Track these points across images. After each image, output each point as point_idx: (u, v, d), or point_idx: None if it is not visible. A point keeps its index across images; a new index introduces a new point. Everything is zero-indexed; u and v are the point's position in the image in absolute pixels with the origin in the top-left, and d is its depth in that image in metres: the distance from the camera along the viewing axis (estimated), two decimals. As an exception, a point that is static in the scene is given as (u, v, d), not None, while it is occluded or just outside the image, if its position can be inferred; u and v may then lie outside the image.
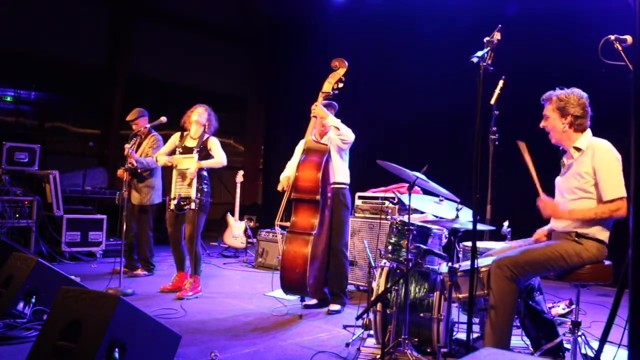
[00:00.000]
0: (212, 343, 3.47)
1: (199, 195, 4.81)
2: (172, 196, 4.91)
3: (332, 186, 4.57)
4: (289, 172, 4.72)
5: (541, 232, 3.20)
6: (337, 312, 4.43)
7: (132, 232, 5.67)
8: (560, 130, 2.98)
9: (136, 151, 5.60)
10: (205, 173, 4.95)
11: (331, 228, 4.56)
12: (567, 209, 2.91)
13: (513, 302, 2.82)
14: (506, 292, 2.79)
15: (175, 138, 5.12)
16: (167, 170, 5.21)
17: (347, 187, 4.69)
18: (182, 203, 4.84)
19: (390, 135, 8.17)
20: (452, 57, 5.82)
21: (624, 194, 2.77)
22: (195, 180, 4.81)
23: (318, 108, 4.49)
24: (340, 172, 4.62)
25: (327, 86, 4.52)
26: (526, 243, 3.18)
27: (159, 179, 5.75)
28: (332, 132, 4.60)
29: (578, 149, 2.95)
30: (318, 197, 4.34)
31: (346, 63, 4.54)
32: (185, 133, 5.10)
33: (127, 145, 5.29)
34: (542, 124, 3.07)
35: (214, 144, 5.01)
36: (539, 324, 3.14)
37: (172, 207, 4.89)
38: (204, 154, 4.93)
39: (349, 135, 4.49)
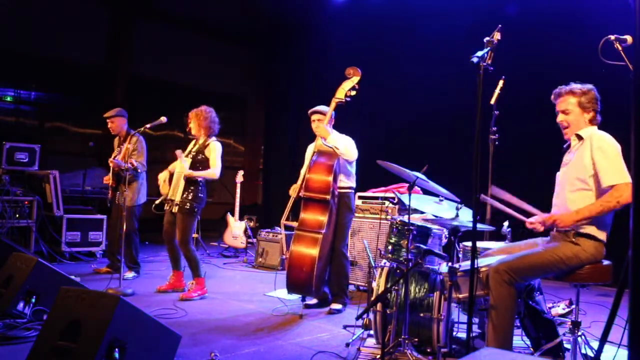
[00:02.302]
0: (212, 343, 3.48)
1: (187, 199, 4.75)
2: (164, 196, 4.93)
3: (339, 190, 4.62)
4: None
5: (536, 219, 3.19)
6: (339, 311, 4.46)
7: (117, 232, 5.69)
8: (581, 127, 2.96)
9: (119, 153, 5.65)
10: (200, 178, 4.85)
11: (336, 228, 4.61)
12: (572, 211, 2.85)
13: (513, 304, 2.82)
14: (505, 296, 2.79)
15: (190, 146, 5.10)
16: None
17: (353, 190, 4.74)
18: (167, 202, 4.86)
19: (390, 135, 8.17)
20: (452, 57, 5.82)
21: (625, 179, 2.73)
22: (182, 184, 4.77)
23: (321, 127, 4.54)
24: (347, 175, 4.68)
25: (341, 92, 4.55)
26: (526, 244, 3.18)
27: (144, 179, 5.73)
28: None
29: (580, 137, 2.95)
30: (328, 197, 4.40)
31: (360, 72, 4.58)
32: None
33: (110, 160, 5.50)
34: (560, 119, 3.01)
35: (213, 151, 4.88)
36: (539, 324, 3.14)
37: (166, 206, 4.90)
38: (199, 158, 4.86)
39: (350, 155, 4.54)
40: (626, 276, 2.21)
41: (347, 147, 4.53)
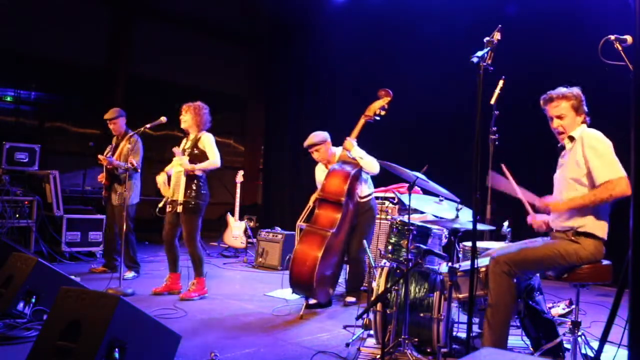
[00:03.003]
0: (212, 343, 3.48)
1: (191, 196, 4.71)
2: (166, 198, 4.90)
3: (362, 199, 4.79)
4: None
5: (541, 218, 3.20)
6: (353, 303, 4.72)
7: (114, 232, 5.72)
8: (575, 129, 2.98)
9: (114, 152, 5.63)
10: (200, 174, 4.80)
11: (356, 235, 4.74)
12: (564, 199, 2.90)
13: (511, 299, 2.83)
14: (504, 289, 2.79)
15: (182, 144, 5.05)
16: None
17: (373, 196, 4.96)
18: (170, 205, 4.83)
19: (390, 135, 8.15)
20: (452, 57, 5.82)
21: (619, 174, 2.76)
22: (183, 182, 4.74)
23: (349, 142, 4.70)
24: (368, 183, 4.88)
25: (371, 110, 4.79)
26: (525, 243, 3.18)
27: (138, 180, 5.70)
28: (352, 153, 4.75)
29: (572, 138, 2.98)
30: (343, 198, 4.49)
31: (391, 93, 4.79)
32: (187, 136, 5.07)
33: (100, 156, 5.51)
34: (556, 125, 3.01)
35: (207, 142, 4.84)
36: (539, 324, 3.14)
37: (168, 208, 4.85)
38: (195, 152, 4.80)
39: (372, 168, 4.66)
40: (626, 276, 2.21)
41: (367, 160, 4.65)
